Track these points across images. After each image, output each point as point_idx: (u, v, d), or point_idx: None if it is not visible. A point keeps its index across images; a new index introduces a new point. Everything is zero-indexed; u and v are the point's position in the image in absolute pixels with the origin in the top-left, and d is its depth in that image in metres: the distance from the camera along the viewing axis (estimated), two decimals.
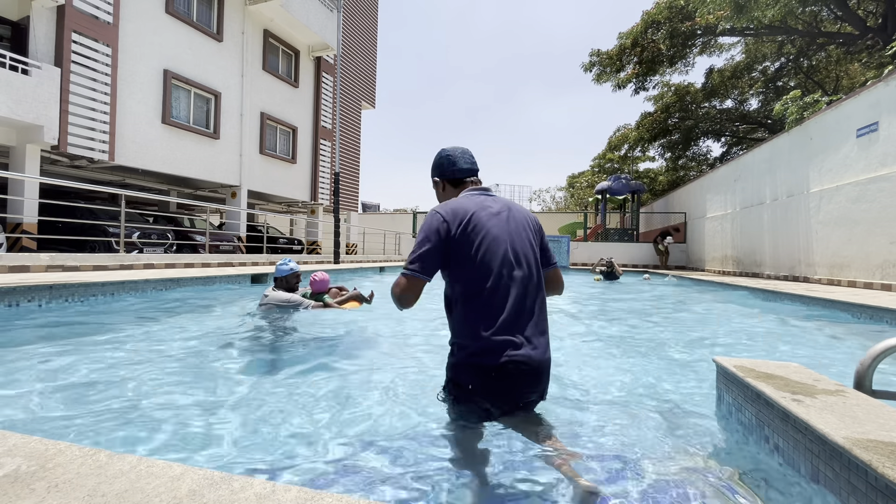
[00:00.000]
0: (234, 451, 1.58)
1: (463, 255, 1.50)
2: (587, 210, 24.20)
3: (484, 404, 1.50)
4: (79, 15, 9.02)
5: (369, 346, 3.37)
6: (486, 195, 1.65)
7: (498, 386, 1.45)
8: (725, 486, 1.38)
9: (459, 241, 1.50)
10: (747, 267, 11.77)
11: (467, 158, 1.75)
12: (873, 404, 1.30)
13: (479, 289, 1.47)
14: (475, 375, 1.46)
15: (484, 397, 1.48)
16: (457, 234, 1.50)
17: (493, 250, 1.50)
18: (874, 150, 7.33)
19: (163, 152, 11.09)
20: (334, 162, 14.47)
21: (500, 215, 1.58)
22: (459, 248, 1.50)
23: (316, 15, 15.33)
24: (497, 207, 1.61)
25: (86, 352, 2.84)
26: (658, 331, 4.43)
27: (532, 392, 1.52)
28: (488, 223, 1.53)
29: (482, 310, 1.46)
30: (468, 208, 1.56)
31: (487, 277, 1.47)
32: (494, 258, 1.49)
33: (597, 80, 18.97)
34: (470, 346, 1.47)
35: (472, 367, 1.46)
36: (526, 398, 1.52)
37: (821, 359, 3.37)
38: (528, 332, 1.48)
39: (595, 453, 1.63)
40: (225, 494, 0.76)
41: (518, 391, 1.48)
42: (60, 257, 6.40)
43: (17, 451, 0.90)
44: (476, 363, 1.45)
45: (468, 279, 1.50)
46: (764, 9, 11.76)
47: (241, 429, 1.77)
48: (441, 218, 1.53)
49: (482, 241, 1.50)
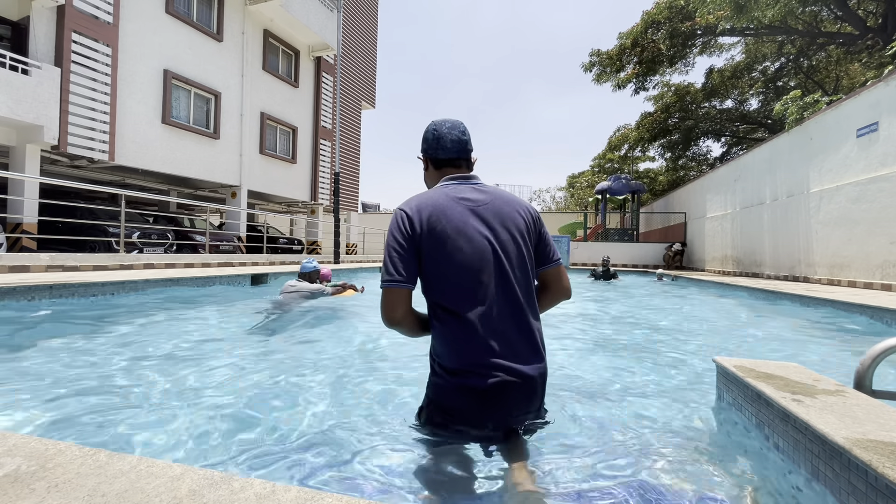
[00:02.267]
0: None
1: (430, 260, 1.29)
2: (587, 210, 24.21)
3: (471, 432, 1.32)
4: (79, 15, 9.02)
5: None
6: (466, 184, 1.41)
7: (486, 408, 1.26)
8: (725, 487, 1.38)
9: (426, 243, 1.29)
10: (747, 267, 11.77)
11: (455, 135, 1.45)
12: (873, 404, 1.30)
13: (454, 299, 1.28)
14: (461, 398, 1.27)
15: (470, 423, 1.30)
16: (422, 233, 1.29)
17: (467, 252, 1.28)
18: (874, 150, 7.33)
19: (163, 152, 11.09)
20: (334, 162, 14.47)
21: (479, 209, 1.34)
22: (427, 250, 1.29)
23: (316, 15, 15.33)
24: (477, 198, 1.36)
25: (85, 351, 2.84)
26: (657, 330, 4.43)
27: (525, 413, 1.33)
28: (460, 219, 1.31)
29: (459, 324, 1.27)
30: (437, 202, 1.33)
31: (461, 285, 1.27)
32: (468, 262, 1.28)
33: (597, 81, 18.97)
34: (451, 366, 1.29)
35: (458, 390, 1.27)
36: (519, 421, 1.34)
37: (821, 359, 3.37)
38: (516, 346, 1.28)
39: (593, 453, 1.63)
40: (225, 494, 0.76)
41: (508, 413, 1.29)
42: (60, 257, 6.40)
43: (17, 451, 0.90)
44: (460, 384, 1.27)
45: (440, 289, 1.30)
46: (764, 9, 11.76)
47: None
48: (405, 216, 1.32)
49: (452, 241, 1.28)
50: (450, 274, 1.28)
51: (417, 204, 1.34)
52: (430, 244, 1.29)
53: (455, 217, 1.31)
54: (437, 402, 1.35)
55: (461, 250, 1.28)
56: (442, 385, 1.32)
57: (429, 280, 1.32)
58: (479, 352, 1.25)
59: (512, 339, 1.28)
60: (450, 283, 1.29)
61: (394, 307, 1.29)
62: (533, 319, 1.34)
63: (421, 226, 1.30)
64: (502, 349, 1.26)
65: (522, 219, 1.39)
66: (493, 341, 1.26)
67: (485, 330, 1.26)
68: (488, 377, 1.24)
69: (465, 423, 1.30)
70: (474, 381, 1.25)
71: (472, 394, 1.25)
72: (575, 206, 35.65)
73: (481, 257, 1.29)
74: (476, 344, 1.26)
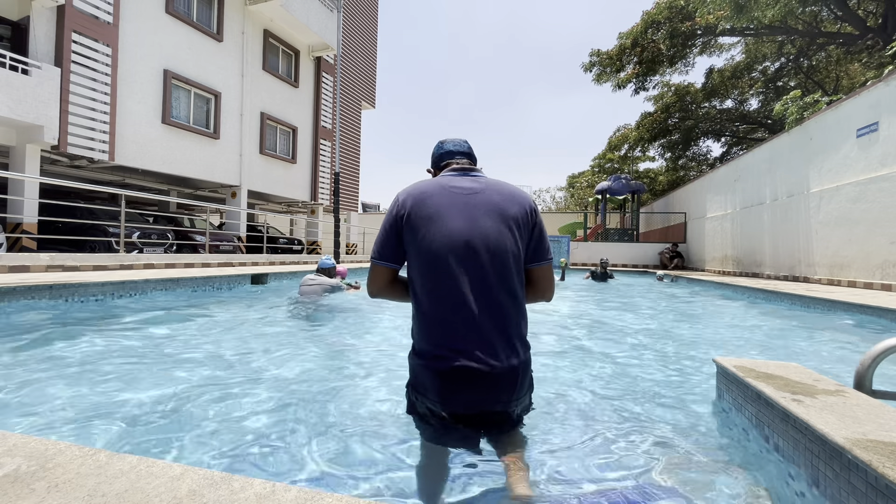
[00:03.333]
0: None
1: (408, 242, 1.33)
2: (587, 210, 24.20)
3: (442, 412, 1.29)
4: (79, 15, 9.02)
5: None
6: (463, 175, 1.43)
7: (450, 391, 1.26)
8: (725, 487, 1.38)
9: (406, 226, 1.33)
10: (747, 267, 11.77)
11: (457, 141, 1.56)
12: (873, 404, 1.30)
13: (424, 281, 1.30)
14: (428, 377, 1.29)
15: (439, 402, 1.28)
16: (405, 217, 1.33)
17: (444, 234, 1.29)
18: (874, 150, 7.33)
19: (163, 152, 11.09)
20: (334, 162, 14.47)
21: (469, 197, 1.35)
22: (406, 233, 1.33)
23: (316, 15, 15.33)
24: (469, 187, 1.37)
25: (85, 351, 2.84)
26: (657, 330, 4.43)
27: (494, 402, 1.28)
28: (444, 203, 1.33)
29: (428, 306, 1.29)
30: (427, 189, 1.37)
31: (432, 269, 1.29)
32: (444, 245, 1.28)
33: (597, 81, 18.97)
34: (421, 349, 1.32)
35: (425, 370, 1.30)
36: (488, 407, 1.29)
37: (821, 359, 3.37)
38: (488, 336, 1.25)
39: (592, 453, 1.63)
40: (225, 494, 0.76)
41: (475, 398, 1.26)
42: (60, 257, 6.40)
43: (17, 451, 0.90)
44: (426, 365, 1.29)
45: (415, 271, 1.33)
46: (764, 9, 11.76)
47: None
48: (396, 200, 1.38)
49: (430, 224, 1.30)
50: (422, 257, 1.31)
51: (410, 190, 1.39)
52: (409, 227, 1.33)
53: (438, 203, 1.33)
54: (412, 379, 1.38)
55: (436, 235, 1.29)
56: (412, 365, 1.37)
57: (409, 261, 1.37)
58: (443, 336, 1.27)
59: (483, 328, 1.26)
60: (422, 265, 1.31)
61: (373, 280, 1.41)
62: (510, 310, 1.30)
63: (405, 209, 1.34)
64: (470, 336, 1.25)
65: (516, 211, 1.36)
66: (460, 328, 1.26)
67: (452, 315, 1.26)
68: (451, 361, 1.24)
69: (435, 402, 1.29)
70: (436, 364, 1.27)
71: (436, 376, 1.27)
72: (575, 206, 35.66)
73: (456, 244, 1.29)
74: (442, 328, 1.27)
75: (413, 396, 1.39)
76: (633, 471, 1.50)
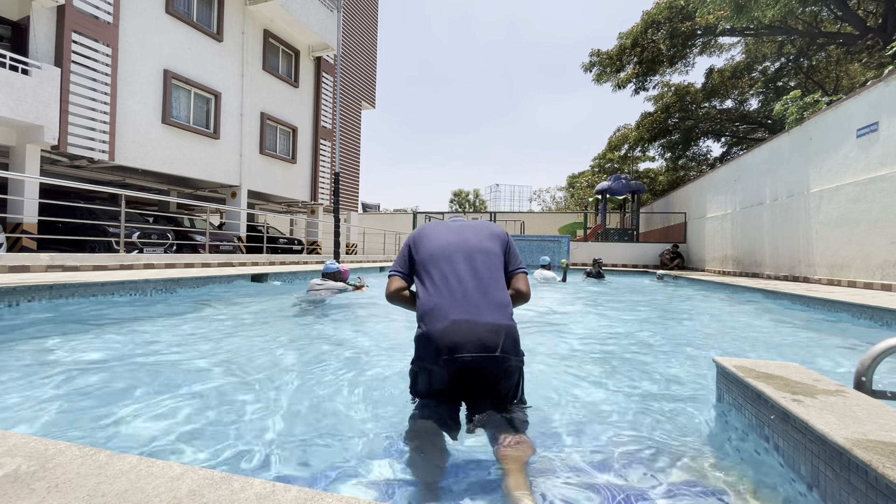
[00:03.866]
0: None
1: (416, 254, 1.82)
2: (587, 210, 24.19)
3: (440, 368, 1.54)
4: (79, 15, 9.02)
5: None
6: (454, 221, 1.97)
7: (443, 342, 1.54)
8: (725, 487, 1.38)
9: (415, 246, 1.85)
10: (747, 267, 11.77)
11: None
12: (873, 404, 1.30)
13: (426, 273, 1.73)
14: (426, 339, 1.60)
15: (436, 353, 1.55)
16: (413, 240, 1.88)
17: (440, 243, 1.79)
18: (874, 150, 7.33)
19: (163, 152, 11.09)
20: (334, 162, 14.47)
21: (458, 223, 1.92)
22: (414, 251, 1.84)
23: (316, 15, 15.33)
24: (459, 220, 1.96)
25: (86, 351, 2.84)
26: (656, 330, 4.43)
27: (484, 346, 1.53)
28: (440, 229, 1.89)
29: (430, 290, 1.68)
30: (431, 224, 1.94)
31: (432, 262, 1.74)
32: (439, 247, 1.77)
33: (597, 81, 18.96)
34: (422, 323, 1.65)
35: (424, 334, 1.61)
36: (482, 350, 1.53)
37: (821, 359, 3.37)
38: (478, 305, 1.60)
39: (592, 452, 1.63)
40: (225, 494, 0.76)
41: (469, 339, 1.53)
42: (60, 257, 6.40)
43: (17, 451, 0.90)
44: (427, 330, 1.60)
45: (420, 268, 1.78)
46: (764, 9, 11.76)
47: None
48: (411, 235, 1.94)
49: (429, 241, 1.82)
50: (423, 259, 1.78)
51: (419, 228, 1.94)
52: (415, 246, 1.85)
53: (435, 228, 1.89)
54: (415, 354, 1.66)
55: (434, 244, 1.80)
56: (415, 340, 1.67)
57: (416, 268, 1.81)
58: (440, 308, 1.61)
59: (473, 299, 1.62)
60: (423, 262, 1.77)
61: (390, 286, 1.84)
62: (498, 291, 1.68)
63: (413, 237, 1.90)
64: (463, 303, 1.60)
65: (494, 231, 1.90)
66: (455, 299, 1.61)
67: (448, 292, 1.64)
68: (446, 321, 1.57)
69: (434, 357, 1.56)
70: (435, 324, 1.59)
71: (434, 333, 1.57)
72: (575, 206, 35.66)
73: (449, 248, 1.76)
74: (438, 302, 1.63)
75: (416, 368, 1.66)
76: (632, 471, 1.50)
